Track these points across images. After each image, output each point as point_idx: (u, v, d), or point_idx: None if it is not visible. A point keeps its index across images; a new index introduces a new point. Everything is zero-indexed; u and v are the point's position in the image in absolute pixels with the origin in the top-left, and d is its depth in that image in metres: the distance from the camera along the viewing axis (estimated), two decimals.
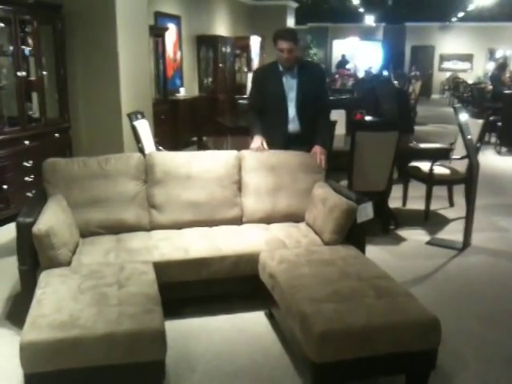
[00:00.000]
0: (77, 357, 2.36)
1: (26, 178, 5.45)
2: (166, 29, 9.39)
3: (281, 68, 4.19)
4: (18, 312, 3.35)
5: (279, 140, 4.19)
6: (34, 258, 3.10)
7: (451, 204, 6.06)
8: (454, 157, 5.60)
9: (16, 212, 3.47)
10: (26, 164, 5.44)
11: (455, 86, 18.74)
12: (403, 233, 5.16)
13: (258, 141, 4.13)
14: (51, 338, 2.33)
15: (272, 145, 4.14)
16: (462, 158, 5.26)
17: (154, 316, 2.52)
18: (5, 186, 5.18)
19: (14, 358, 2.46)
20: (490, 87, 12.99)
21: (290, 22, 15.69)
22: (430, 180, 5.47)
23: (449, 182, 5.74)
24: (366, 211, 3.59)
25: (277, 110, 4.22)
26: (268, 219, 3.93)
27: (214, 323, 3.39)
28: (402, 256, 4.60)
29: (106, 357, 2.39)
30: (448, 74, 22.03)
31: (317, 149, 4.11)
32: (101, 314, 2.50)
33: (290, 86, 4.20)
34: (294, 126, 4.24)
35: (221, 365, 2.94)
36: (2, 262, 4.35)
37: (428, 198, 5.51)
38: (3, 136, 5.21)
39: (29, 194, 5.41)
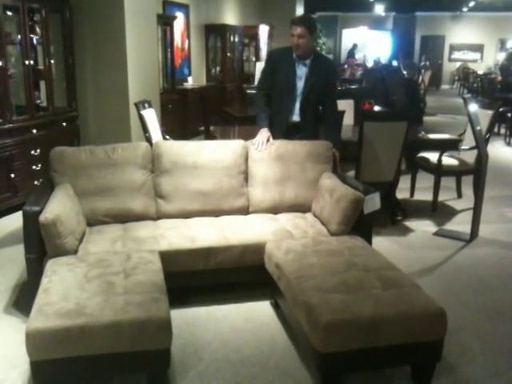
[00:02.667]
0: (83, 345, 2.37)
1: (34, 167, 5.46)
2: (175, 17, 9.36)
3: (294, 55, 4.13)
4: (24, 300, 3.37)
5: (280, 128, 4.15)
6: (40, 246, 3.11)
7: (459, 195, 6.03)
8: (462, 148, 5.56)
9: (23, 201, 3.48)
10: (33, 153, 5.46)
11: (465, 76, 18.61)
12: (411, 224, 5.14)
13: (264, 135, 4.04)
14: (57, 325, 2.34)
15: (274, 132, 4.09)
16: (471, 148, 5.22)
17: (160, 305, 2.53)
18: (12, 175, 5.20)
19: (20, 346, 2.48)
20: (500, 78, 12.87)
21: (299, 10, 15.56)
22: (438, 171, 5.44)
23: (457, 172, 5.71)
24: (374, 202, 3.58)
25: (282, 98, 4.17)
26: (275, 209, 3.93)
27: (221, 312, 3.40)
28: (410, 247, 4.58)
29: (112, 345, 2.40)
30: (458, 65, 21.85)
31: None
32: (107, 302, 2.50)
33: (300, 75, 4.15)
34: (295, 115, 4.21)
35: (227, 354, 2.95)
36: (9, 250, 4.37)
37: (436, 188, 5.48)
38: (11, 125, 5.22)
39: (36, 183, 5.44)
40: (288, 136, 4.13)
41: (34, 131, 5.52)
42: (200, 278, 3.44)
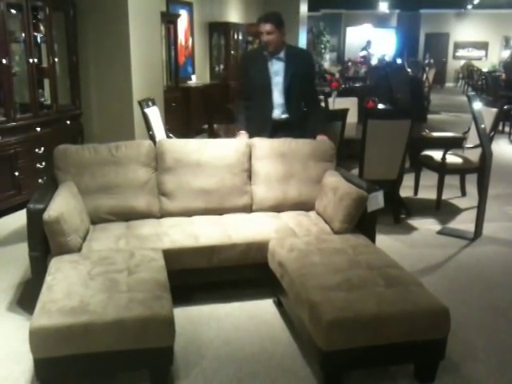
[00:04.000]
0: (86, 342, 2.38)
1: (38, 165, 5.47)
2: (178, 15, 9.36)
3: (265, 52, 4.13)
4: (28, 298, 3.38)
5: (266, 127, 4.14)
6: (44, 244, 3.12)
7: (463, 193, 6.02)
8: (466, 146, 5.54)
9: (27, 198, 3.48)
10: (37, 151, 5.47)
11: (469, 74, 18.54)
12: (414, 222, 5.13)
13: (243, 137, 4.10)
14: (61, 323, 2.35)
15: (259, 132, 4.08)
16: (475, 146, 5.21)
17: (163, 302, 2.53)
18: (16, 173, 5.21)
19: (24, 343, 2.49)
20: (505, 76, 12.82)
21: (303, 8, 15.52)
22: (442, 169, 5.43)
23: (461, 171, 5.70)
24: (377, 200, 3.57)
25: (262, 96, 4.16)
26: (278, 207, 3.92)
27: (223, 310, 3.40)
28: (413, 245, 4.58)
29: (116, 342, 2.41)
30: (462, 62, 21.77)
31: (322, 138, 4.11)
32: (110, 300, 2.51)
33: (276, 70, 4.14)
34: (280, 112, 4.19)
35: (230, 351, 2.95)
36: (13, 248, 4.39)
37: (440, 187, 5.47)
38: (15, 123, 5.24)
39: (40, 181, 5.45)
40: (276, 135, 4.11)
41: (38, 129, 5.53)
42: (203, 275, 3.45)
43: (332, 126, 4.77)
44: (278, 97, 4.16)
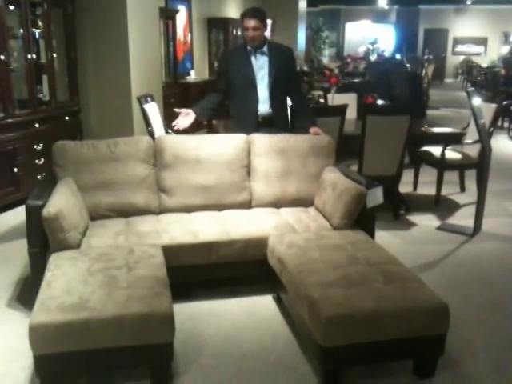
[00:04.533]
0: (86, 339, 2.38)
1: (36, 161, 5.47)
2: (177, 11, 9.33)
3: (249, 48, 4.12)
4: (27, 294, 3.38)
5: (250, 122, 4.12)
6: (43, 240, 3.12)
7: (462, 189, 6.02)
8: (466, 141, 5.54)
9: (26, 195, 3.48)
10: (36, 147, 5.46)
11: (468, 69, 18.54)
12: (413, 218, 5.13)
13: (186, 115, 4.15)
14: (60, 319, 2.35)
15: (243, 129, 4.07)
16: (474, 142, 5.21)
17: (163, 299, 2.53)
18: (15, 169, 5.20)
19: (24, 340, 2.49)
20: (504, 71, 12.82)
21: (302, 3, 15.50)
22: (441, 165, 5.43)
23: (460, 166, 5.69)
24: (376, 196, 3.57)
25: (246, 92, 4.14)
26: (277, 203, 3.92)
27: (223, 306, 3.40)
28: (412, 241, 4.58)
29: (115, 339, 2.41)
30: (461, 58, 21.76)
31: (315, 129, 4.11)
32: (110, 296, 2.51)
33: (260, 65, 4.13)
34: (265, 107, 4.17)
35: (229, 348, 2.96)
36: (12, 244, 4.38)
37: (439, 182, 5.47)
38: (13, 119, 5.22)
39: (39, 177, 5.44)
40: (260, 130, 4.10)
41: (37, 125, 5.52)
42: (202, 272, 3.45)
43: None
44: (262, 91, 4.14)
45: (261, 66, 4.13)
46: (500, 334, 3.16)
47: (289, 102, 4.38)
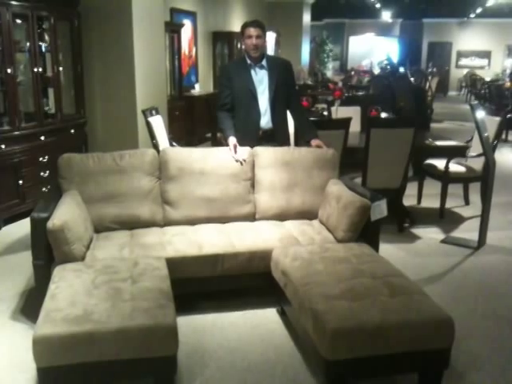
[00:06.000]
0: (90, 351, 2.37)
1: (42, 174, 5.49)
2: (182, 25, 9.41)
3: (249, 61, 4.13)
4: (32, 306, 3.38)
5: (252, 136, 4.10)
6: (48, 252, 3.13)
7: (467, 202, 6.01)
8: (470, 154, 5.54)
9: (31, 207, 3.50)
10: (41, 159, 5.49)
11: (472, 82, 18.57)
12: (418, 231, 5.12)
13: (232, 143, 3.96)
14: (65, 332, 2.35)
15: (245, 142, 4.03)
16: (479, 155, 5.21)
17: (167, 311, 2.53)
18: (21, 182, 5.23)
19: (28, 352, 2.48)
20: (508, 84, 12.84)
21: (306, 17, 15.62)
22: (445, 178, 5.43)
23: (464, 179, 5.69)
24: (380, 209, 3.57)
25: (247, 105, 4.13)
26: (281, 216, 3.92)
27: (227, 319, 3.39)
28: (417, 254, 4.57)
29: (119, 351, 2.41)
30: (465, 71, 21.80)
31: (317, 141, 4.11)
32: (114, 308, 2.51)
33: (260, 78, 4.14)
34: (266, 120, 4.16)
35: (233, 361, 2.95)
36: (16, 256, 4.40)
37: (443, 195, 5.46)
38: (20, 131, 5.26)
39: (44, 190, 5.47)
40: (261, 144, 4.08)
41: (43, 138, 5.56)
42: (206, 284, 3.45)
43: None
44: (263, 105, 4.14)
45: (260, 80, 4.14)
46: (505, 346, 3.14)
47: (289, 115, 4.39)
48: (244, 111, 4.15)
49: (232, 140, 3.98)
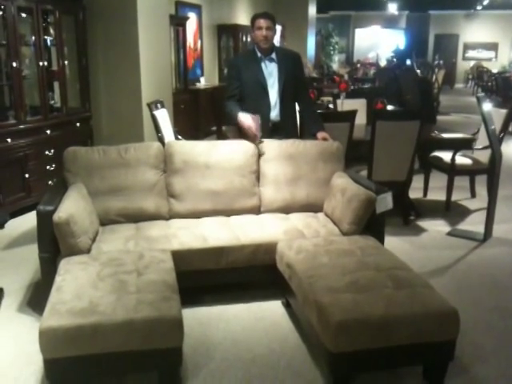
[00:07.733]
0: (95, 343, 2.39)
1: (48, 167, 5.51)
2: (187, 18, 9.39)
3: (259, 54, 4.13)
4: (38, 298, 3.41)
5: (264, 129, 4.05)
6: (54, 245, 3.14)
7: (473, 195, 5.99)
8: (476, 147, 5.52)
9: (37, 201, 3.51)
10: (47, 153, 5.51)
11: (479, 75, 18.48)
12: (423, 223, 5.11)
13: (246, 117, 3.90)
14: (70, 324, 2.36)
15: None
16: (485, 148, 5.19)
17: (172, 304, 2.54)
18: (26, 175, 5.25)
19: (34, 344, 2.51)
20: None
21: (312, 10, 15.54)
22: (451, 170, 5.41)
23: (471, 172, 5.67)
24: (386, 201, 3.56)
25: (257, 98, 4.12)
26: (286, 209, 3.93)
27: (232, 311, 3.40)
28: (422, 247, 4.56)
29: (124, 343, 2.42)
30: (472, 63, 21.68)
31: (323, 134, 4.10)
32: (120, 301, 2.52)
33: (270, 71, 4.13)
34: (275, 113, 4.16)
35: (238, 353, 2.96)
36: (23, 249, 4.42)
37: (449, 188, 5.44)
38: (25, 125, 5.28)
39: (50, 183, 5.49)
40: (272, 136, 4.08)
41: (48, 132, 5.57)
42: (212, 277, 3.45)
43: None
44: (273, 98, 4.14)
45: (270, 73, 4.14)
46: (510, 339, 3.14)
47: (297, 107, 4.39)
48: (254, 104, 4.13)
49: (242, 115, 3.94)
